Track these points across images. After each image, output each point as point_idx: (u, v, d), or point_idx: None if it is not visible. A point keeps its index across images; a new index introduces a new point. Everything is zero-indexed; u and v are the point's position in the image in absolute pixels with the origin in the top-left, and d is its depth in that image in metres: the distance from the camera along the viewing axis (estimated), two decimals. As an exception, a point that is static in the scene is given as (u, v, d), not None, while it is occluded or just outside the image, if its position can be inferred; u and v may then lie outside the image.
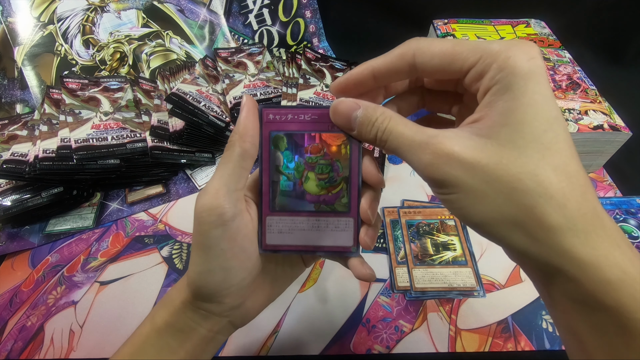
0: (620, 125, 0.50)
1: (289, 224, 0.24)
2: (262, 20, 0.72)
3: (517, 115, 0.17)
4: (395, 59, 0.20)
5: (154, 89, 0.62)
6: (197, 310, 0.25)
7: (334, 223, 0.24)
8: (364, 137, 0.21)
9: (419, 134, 0.19)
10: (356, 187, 0.24)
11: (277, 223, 0.24)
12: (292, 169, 0.24)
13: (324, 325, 0.41)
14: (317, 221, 0.24)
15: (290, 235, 0.24)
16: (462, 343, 0.39)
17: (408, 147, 0.19)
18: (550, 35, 0.66)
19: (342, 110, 0.21)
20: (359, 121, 0.21)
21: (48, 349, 0.41)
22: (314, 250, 0.25)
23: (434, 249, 0.46)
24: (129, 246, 0.49)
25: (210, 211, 0.22)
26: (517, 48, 0.17)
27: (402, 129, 0.19)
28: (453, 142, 0.18)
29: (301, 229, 0.24)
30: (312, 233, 0.24)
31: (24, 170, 0.48)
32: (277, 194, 0.24)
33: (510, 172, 0.17)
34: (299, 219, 0.24)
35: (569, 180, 0.17)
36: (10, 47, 0.62)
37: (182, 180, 0.57)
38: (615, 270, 0.16)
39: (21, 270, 0.48)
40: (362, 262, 0.25)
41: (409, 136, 0.19)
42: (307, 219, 0.24)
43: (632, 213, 0.50)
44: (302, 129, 0.23)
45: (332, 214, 0.24)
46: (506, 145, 0.17)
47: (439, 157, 0.18)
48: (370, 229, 0.24)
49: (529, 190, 0.17)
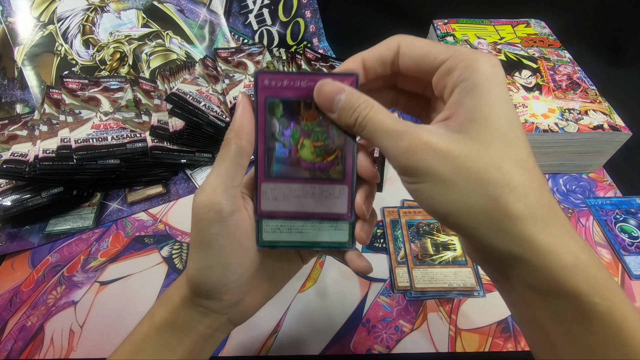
0: (620, 125, 0.50)
1: (284, 191, 0.24)
2: (262, 20, 0.72)
3: (483, 112, 0.19)
4: (383, 49, 0.22)
5: (154, 89, 0.62)
6: (196, 307, 0.25)
7: (328, 190, 0.24)
8: (344, 121, 0.22)
9: (398, 123, 0.20)
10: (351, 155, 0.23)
11: (272, 190, 0.24)
12: (287, 135, 0.23)
13: (324, 325, 0.41)
14: (312, 188, 0.24)
15: (284, 202, 0.24)
16: (462, 343, 0.39)
17: (386, 134, 0.20)
18: (550, 35, 0.66)
19: (326, 92, 0.22)
20: (341, 105, 0.21)
21: (48, 349, 0.41)
22: (310, 247, 0.25)
23: (434, 249, 0.46)
24: (129, 246, 0.49)
25: (208, 208, 0.22)
26: (481, 55, 0.19)
27: (382, 117, 0.20)
28: (429, 132, 0.19)
29: (296, 196, 0.24)
30: (306, 200, 0.24)
31: (24, 170, 0.48)
32: (272, 161, 0.24)
33: (478, 164, 0.18)
34: (294, 185, 0.24)
35: (528, 174, 0.18)
36: (10, 47, 0.62)
37: (182, 180, 0.57)
38: (570, 257, 0.18)
39: (21, 270, 0.48)
40: (359, 255, 0.25)
41: (388, 124, 0.20)
42: (302, 185, 0.24)
43: (632, 213, 0.50)
44: (299, 95, 0.23)
45: (327, 181, 0.24)
46: (474, 139, 0.18)
47: (415, 145, 0.19)
48: (366, 225, 0.24)
49: (494, 181, 0.18)
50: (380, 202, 0.52)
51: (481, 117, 0.19)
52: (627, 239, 0.47)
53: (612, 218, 0.49)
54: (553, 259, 0.18)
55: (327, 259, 0.47)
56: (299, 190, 0.24)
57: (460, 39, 0.65)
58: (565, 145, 0.51)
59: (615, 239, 0.47)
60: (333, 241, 0.25)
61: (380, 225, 0.50)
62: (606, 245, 0.47)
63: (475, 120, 0.19)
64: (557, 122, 0.50)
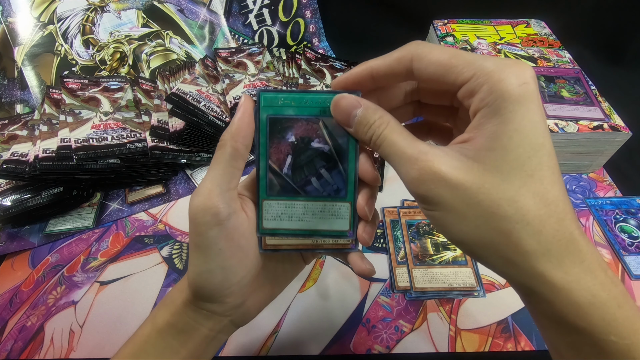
0: (620, 125, 0.50)
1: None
2: (262, 20, 0.72)
3: (503, 141, 0.17)
4: (393, 62, 0.20)
5: (154, 89, 0.62)
6: (199, 310, 0.25)
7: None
8: (360, 137, 0.22)
9: (411, 147, 0.19)
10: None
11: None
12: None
13: (324, 325, 0.41)
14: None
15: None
16: (462, 343, 0.39)
17: (399, 159, 0.19)
18: (550, 35, 0.66)
19: (343, 106, 0.21)
20: (357, 120, 0.21)
21: (48, 349, 0.41)
22: (313, 249, 0.25)
23: (434, 249, 0.46)
24: (129, 246, 0.49)
25: (204, 212, 0.22)
26: (510, 70, 0.17)
27: (396, 137, 0.20)
28: (441, 161, 0.18)
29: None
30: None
31: (24, 170, 0.48)
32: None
33: (490, 197, 0.17)
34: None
35: (547, 208, 0.17)
36: (10, 47, 0.62)
37: (182, 180, 0.57)
38: (585, 294, 0.17)
39: (21, 270, 0.48)
40: (362, 257, 0.25)
41: (401, 147, 0.19)
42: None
43: (632, 213, 0.50)
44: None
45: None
46: (490, 170, 0.17)
47: (426, 174, 0.18)
48: (368, 226, 0.24)
49: (507, 217, 0.17)
50: (380, 202, 0.52)
51: (499, 146, 0.17)
52: (627, 239, 0.47)
53: (612, 218, 0.49)
54: (567, 296, 0.17)
55: (327, 258, 0.47)
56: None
57: (460, 39, 0.65)
58: (565, 145, 0.51)
59: (615, 239, 0.47)
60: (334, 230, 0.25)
61: (380, 225, 0.50)
62: (606, 245, 0.47)
63: (493, 149, 0.17)
64: (557, 122, 0.50)
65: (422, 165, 0.18)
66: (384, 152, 0.20)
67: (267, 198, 0.24)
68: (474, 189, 0.17)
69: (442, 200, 0.18)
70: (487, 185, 0.17)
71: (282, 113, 0.23)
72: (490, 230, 0.18)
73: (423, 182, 0.18)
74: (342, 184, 0.24)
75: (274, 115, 0.23)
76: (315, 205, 0.24)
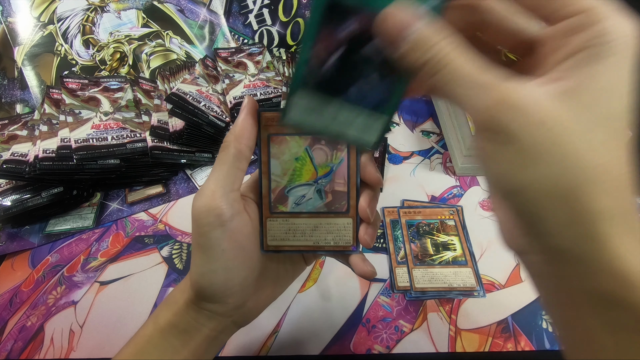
0: (620, 125, 0.50)
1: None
2: (262, 20, 0.72)
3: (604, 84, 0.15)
4: None
5: (154, 89, 0.62)
6: (201, 310, 0.25)
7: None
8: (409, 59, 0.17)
9: (486, 73, 0.16)
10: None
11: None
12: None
13: (324, 325, 0.41)
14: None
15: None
16: (462, 343, 0.39)
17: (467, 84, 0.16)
18: (550, 35, 0.66)
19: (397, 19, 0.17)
20: (414, 38, 0.16)
21: (48, 349, 0.41)
22: (315, 250, 0.25)
23: (434, 249, 0.46)
24: (129, 246, 0.49)
25: (208, 212, 0.22)
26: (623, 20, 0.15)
27: (463, 61, 0.16)
28: (525, 90, 0.16)
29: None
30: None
31: (24, 170, 0.48)
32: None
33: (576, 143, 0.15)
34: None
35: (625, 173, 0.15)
36: (10, 47, 0.62)
37: (182, 180, 0.57)
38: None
39: (21, 270, 0.48)
40: (363, 259, 0.25)
41: (470, 72, 0.16)
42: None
43: (631, 213, 0.50)
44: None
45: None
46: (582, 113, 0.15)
47: (504, 103, 0.15)
48: (370, 228, 0.24)
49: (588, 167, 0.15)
50: (381, 202, 0.52)
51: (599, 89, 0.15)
52: (627, 239, 0.47)
53: None
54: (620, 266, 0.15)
55: (327, 258, 0.47)
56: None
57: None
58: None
59: (615, 239, 0.47)
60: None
61: (380, 225, 0.50)
62: (606, 245, 0.47)
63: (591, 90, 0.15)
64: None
65: (501, 92, 0.16)
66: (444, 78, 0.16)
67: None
68: (560, 128, 0.15)
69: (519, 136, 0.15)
70: (576, 128, 0.15)
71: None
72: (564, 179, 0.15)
73: (501, 110, 0.15)
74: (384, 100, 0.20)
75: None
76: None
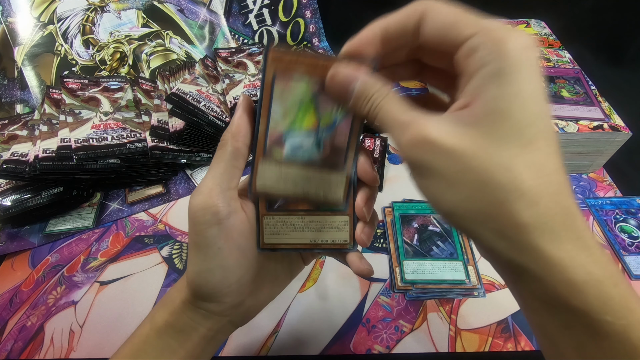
0: (620, 125, 0.50)
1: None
2: (262, 20, 0.72)
3: (501, 104, 0.16)
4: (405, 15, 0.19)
5: (154, 89, 0.62)
6: (198, 309, 0.24)
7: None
8: (357, 110, 0.20)
9: (405, 114, 0.18)
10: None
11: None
12: None
13: (324, 325, 0.41)
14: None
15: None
16: (462, 343, 0.39)
17: (392, 125, 0.19)
18: (550, 35, 0.66)
19: (339, 80, 0.20)
20: (355, 94, 0.20)
21: (48, 349, 0.41)
22: (311, 249, 0.25)
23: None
24: (129, 246, 0.49)
25: (204, 210, 0.22)
26: (515, 34, 0.16)
27: (392, 106, 0.19)
28: (434, 126, 0.17)
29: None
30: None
31: (24, 170, 0.48)
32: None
33: (484, 165, 0.16)
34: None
35: (543, 179, 0.16)
36: (10, 47, 0.62)
37: (182, 180, 0.57)
38: (580, 272, 0.16)
39: (21, 270, 0.48)
40: (361, 257, 0.25)
41: (395, 114, 0.19)
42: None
43: (632, 213, 0.50)
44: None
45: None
46: (486, 136, 0.16)
47: (417, 139, 0.17)
48: (367, 227, 0.24)
49: (500, 185, 0.16)
50: (381, 202, 0.52)
51: (497, 110, 0.16)
52: (627, 239, 0.47)
53: (612, 218, 0.49)
54: (560, 273, 0.16)
55: (327, 258, 0.47)
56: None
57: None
58: (565, 145, 0.51)
59: (615, 239, 0.47)
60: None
61: (380, 225, 0.50)
62: (606, 245, 0.47)
63: (491, 113, 0.16)
64: (557, 122, 0.50)
65: (415, 130, 0.17)
66: (380, 122, 0.19)
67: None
68: (467, 155, 0.16)
69: (434, 167, 0.17)
70: (482, 152, 0.16)
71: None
72: (483, 200, 0.16)
73: (414, 147, 0.18)
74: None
75: None
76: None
